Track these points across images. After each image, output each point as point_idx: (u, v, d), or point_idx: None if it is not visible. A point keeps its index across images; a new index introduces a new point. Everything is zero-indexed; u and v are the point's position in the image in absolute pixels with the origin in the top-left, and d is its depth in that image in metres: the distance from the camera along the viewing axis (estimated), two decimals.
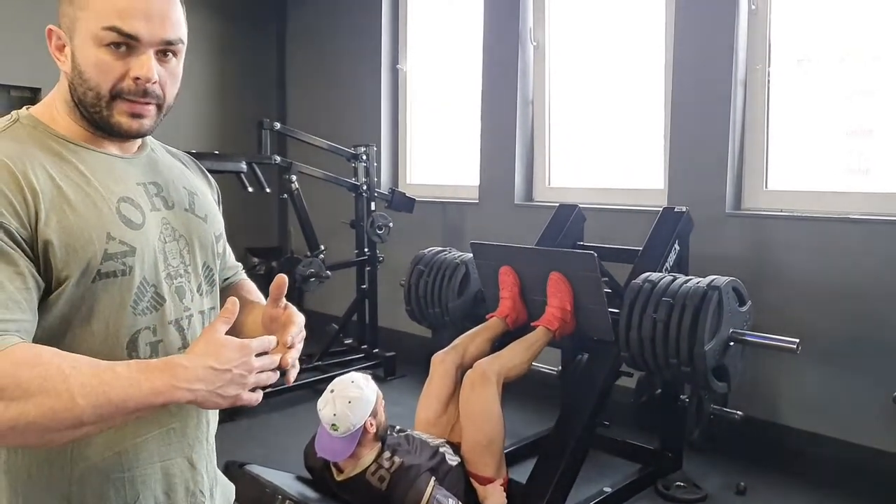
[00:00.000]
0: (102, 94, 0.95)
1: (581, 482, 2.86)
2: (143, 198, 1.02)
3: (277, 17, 5.99)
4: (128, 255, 0.95)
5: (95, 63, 0.94)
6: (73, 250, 0.90)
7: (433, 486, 2.09)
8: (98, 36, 0.93)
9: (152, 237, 1.00)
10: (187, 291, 1.05)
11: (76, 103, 0.97)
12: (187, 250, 1.06)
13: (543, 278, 2.75)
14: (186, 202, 1.09)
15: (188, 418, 1.05)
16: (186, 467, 1.05)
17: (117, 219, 0.96)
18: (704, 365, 2.33)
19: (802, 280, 3.24)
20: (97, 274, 0.92)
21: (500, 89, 4.43)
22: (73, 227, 0.91)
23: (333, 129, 5.33)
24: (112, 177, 0.99)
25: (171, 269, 1.02)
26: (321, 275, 3.99)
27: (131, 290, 0.96)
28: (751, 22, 3.51)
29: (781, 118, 3.49)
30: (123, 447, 0.98)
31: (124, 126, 0.98)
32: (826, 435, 3.17)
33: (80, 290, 0.91)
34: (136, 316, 0.97)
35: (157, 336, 1.00)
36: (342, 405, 2.06)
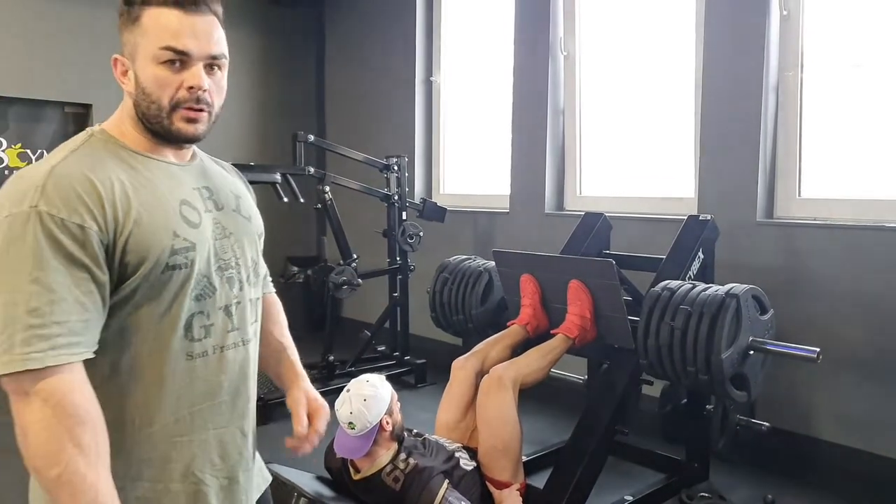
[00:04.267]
0: (163, 105, 1.09)
1: (604, 490, 2.86)
2: (198, 200, 1.17)
3: (317, 35, 6.17)
4: (189, 251, 1.10)
5: (155, 78, 1.09)
6: (146, 248, 1.05)
7: (446, 489, 2.13)
8: (156, 55, 1.08)
9: (207, 234, 1.15)
10: (237, 282, 1.19)
11: (140, 117, 1.12)
12: (237, 246, 1.20)
13: (564, 286, 2.77)
14: (233, 204, 1.24)
15: (237, 394, 1.19)
16: (239, 435, 1.20)
17: (180, 219, 1.11)
18: (722, 373, 2.31)
19: (836, 290, 3.17)
20: (165, 266, 1.07)
21: (530, 99, 4.47)
22: (146, 229, 1.05)
23: (370, 141, 5.45)
24: (173, 182, 1.14)
25: (223, 262, 1.17)
26: (353, 283, 4.07)
27: (191, 280, 1.10)
28: (783, 27, 3.47)
29: (815, 125, 3.43)
30: (181, 415, 1.11)
31: (183, 131, 1.12)
32: (858, 448, 3.08)
33: (150, 281, 1.06)
34: (193, 302, 1.11)
35: (210, 320, 1.14)
36: (358, 403, 2.12)
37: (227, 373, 1.16)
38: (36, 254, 0.97)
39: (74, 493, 0.96)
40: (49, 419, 0.96)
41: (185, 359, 1.11)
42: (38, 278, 0.96)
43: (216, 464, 1.15)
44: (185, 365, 1.11)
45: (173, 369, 1.10)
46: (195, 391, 1.12)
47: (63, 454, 0.95)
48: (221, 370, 1.16)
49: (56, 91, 4.97)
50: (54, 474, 0.95)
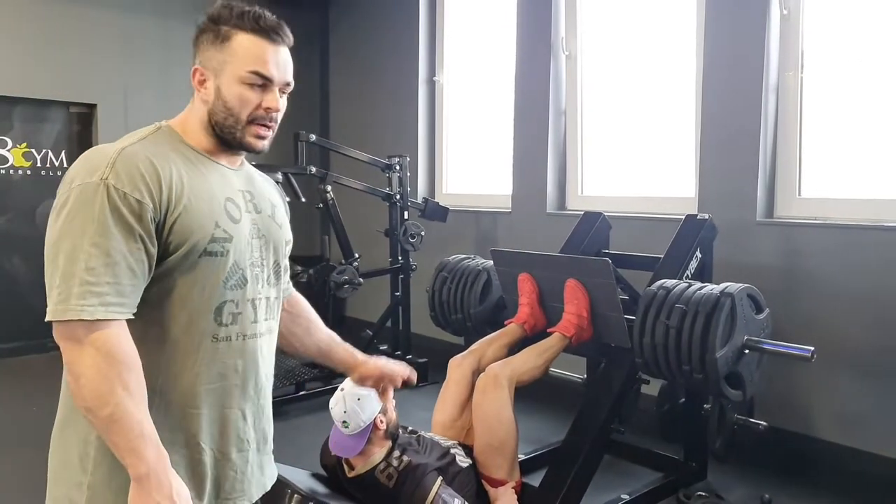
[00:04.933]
0: (242, 119, 1.25)
1: (602, 489, 2.87)
2: (241, 201, 1.30)
3: (321, 36, 6.20)
4: (227, 242, 1.22)
5: (239, 96, 1.24)
6: (190, 231, 1.17)
7: (439, 486, 2.14)
8: (243, 77, 1.23)
9: (245, 232, 1.27)
10: (261, 280, 1.30)
11: (213, 125, 1.26)
12: (266, 248, 1.32)
13: (561, 285, 2.78)
14: (269, 211, 1.36)
15: (248, 379, 1.29)
16: (240, 417, 1.29)
17: (224, 213, 1.24)
18: (716, 372, 2.32)
19: (835, 289, 3.17)
20: (203, 251, 1.19)
21: (532, 99, 4.48)
22: (193, 214, 1.18)
23: (374, 140, 5.47)
24: (222, 182, 1.27)
25: (254, 259, 1.29)
26: (354, 282, 4.09)
27: (225, 269, 1.22)
28: (783, 27, 3.46)
29: (815, 124, 3.43)
30: (197, 390, 1.22)
31: (252, 144, 1.28)
32: (857, 448, 3.08)
33: (189, 261, 1.18)
34: (226, 290, 1.23)
35: (238, 309, 1.25)
36: (352, 402, 2.14)
37: (244, 359, 1.27)
38: (100, 220, 1.10)
39: (124, 429, 1.08)
40: (101, 364, 1.08)
41: (210, 340, 1.22)
42: (98, 242, 1.09)
43: (215, 438, 1.25)
44: (209, 345, 1.22)
45: (199, 347, 1.21)
46: (213, 371, 1.23)
47: (114, 395, 1.08)
48: (240, 356, 1.27)
49: (60, 91, 5.02)
50: (107, 413, 1.07)
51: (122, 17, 5.17)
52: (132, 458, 1.09)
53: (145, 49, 5.24)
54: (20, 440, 3.46)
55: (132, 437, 1.09)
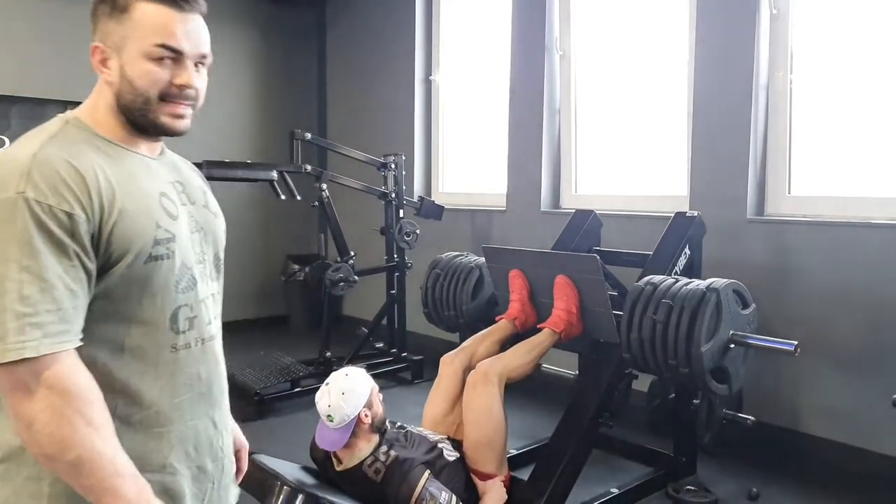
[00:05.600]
0: (151, 98, 1.10)
1: (591, 483, 2.90)
2: (174, 193, 1.17)
3: (318, 35, 6.23)
4: (171, 241, 1.10)
5: (146, 73, 1.09)
6: (131, 237, 1.05)
7: (426, 479, 2.18)
8: (149, 51, 1.09)
9: (184, 227, 1.16)
10: (206, 276, 1.21)
11: (122, 108, 1.12)
12: (205, 241, 1.22)
13: (551, 281, 2.82)
14: (203, 200, 1.25)
15: (211, 385, 1.20)
16: (211, 426, 1.20)
17: (161, 210, 1.11)
18: (702, 366, 2.35)
19: (824, 286, 3.20)
20: (148, 256, 1.07)
21: (527, 98, 4.51)
22: (130, 217, 1.05)
23: (370, 139, 5.51)
24: (150, 175, 1.15)
25: (196, 255, 1.18)
26: (349, 279, 4.13)
27: (174, 271, 1.11)
28: (773, 26, 3.49)
29: (805, 123, 3.46)
30: (162, 406, 1.11)
31: (168, 125, 1.13)
32: (845, 443, 3.11)
33: (134, 270, 1.05)
34: (178, 294, 1.12)
35: (193, 313, 1.15)
36: (336, 397, 2.18)
37: (205, 364, 1.18)
38: (25, 240, 0.95)
39: (95, 470, 0.97)
40: (57, 405, 0.95)
41: (169, 350, 1.11)
42: (29, 266, 0.95)
43: (190, 454, 1.16)
44: (169, 357, 1.11)
45: (157, 361, 1.10)
46: (177, 383, 1.13)
47: (77, 435, 0.96)
48: (201, 361, 1.17)
49: (57, 90, 5.04)
50: (73, 457, 0.96)
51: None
52: (110, 498, 0.98)
53: None
54: None
55: (106, 477, 0.98)
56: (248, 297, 5.78)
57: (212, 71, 1.21)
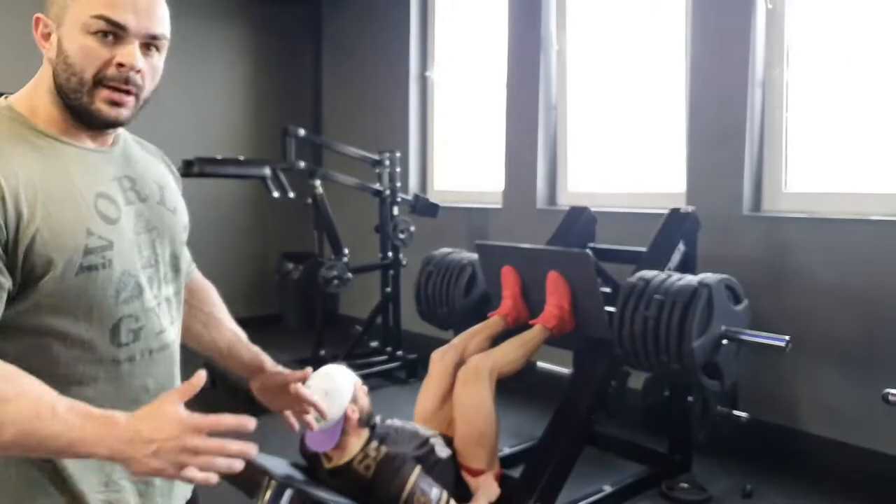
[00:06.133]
0: (86, 79, 0.97)
1: (585, 481, 2.87)
2: (118, 193, 1.06)
3: (313, 31, 6.21)
4: (106, 249, 0.99)
5: (81, 48, 0.97)
6: (56, 246, 0.94)
7: (417, 475, 2.15)
8: (87, 23, 0.96)
9: (127, 230, 1.04)
10: (156, 280, 1.10)
11: (58, 90, 0.99)
12: (158, 241, 1.11)
13: (543, 277, 2.79)
14: (158, 196, 1.13)
15: None
16: None
17: (95, 215, 1.00)
18: (693, 361, 2.33)
19: (821, 282, 3.17)
20: (79, 267, 0.96)
21: (523, 94, 4.49)
22: (56, 225, 0.94)
23: (366, 136, 5.48)
24: (89, 172, 1.02)
25: (144, 259, 1.07)
26: (343, 277, 4.11)
27: (112, 282, 1.00)
28: (768, 21, 3.47)
29: (801, 118, 3.43)
30: None
31: (103, 113, 1.00)
32: (841, 440, 3.08)
33: (64, 283, 0.95)
34: (120, 305, 1.02)
35: (139, 323, 1.05)
36: (319, 398, 2.13)
37: (153, 376, 1.09)
38: None
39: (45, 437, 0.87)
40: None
41: (111, 364, 1.03)
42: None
43: (130, 475, 1.04)
44: (111, 371, 1.03)
45: (97, 377, 1.01)
46: (120, 398, 1.02)
47: None
48: (149, 373, 1.08)
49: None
50: (9, 437, 0.86)
51: None
52: (85, 449, 0.89)
53: None
54: None
55: (62, 435, 0.87)
56: (242, 295, 5.74)
57: (169, 57, 1.07)
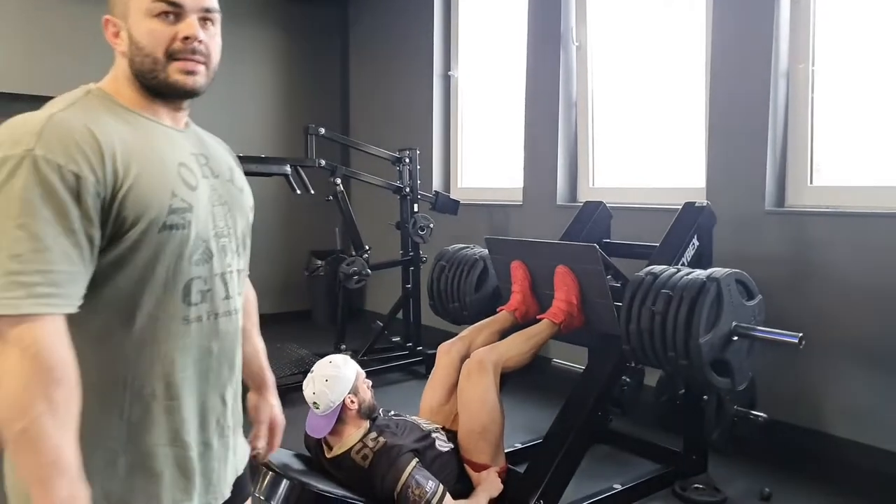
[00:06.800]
0: (158, 57, 1.09)
1: (597, 479, 2.85)
2: (195, 165, 1.15)
3: (340, 32, 6.28)
4: (186, 212, 1.08)
5: (149, 32, 1.08)
6: (145, 204, 1.03)
7: (413, 467, 2.15)
8: (148, 8, 1.08)
9: (204, 199, 1.13)
10: (229, 251, 1.18)
11: (135, 74, 1.11)
12: (230, 215, 1.19)
13: (552, 272, 2.76)
14: (228, 175, 1.23)
15: (224, 361, 1.19)
16: (219, 403, 1.19)
17: (179, 180, 1.09)
18: (700, 358, 2.26)
19: (847, 279, 3.07)
20: (162, 225, 1.05)
21: (543, 91, 4.45)
22: (145, 184, 1.03)
23: (390, 135, 5.51)
24: (171, 144, 1.13)
25: (218, 229, 1.16)
26: (363, 273, 4.13)
27: (188, 243, 1.08)
28: (793, 12, 3.37)
29: (828, 111, 3.33)
30: (173, 380, 1.09)
31: (180, 83, 1.11)
32: (866, 443, 2.98)
33: (147, 238, 1.03)
34: (192, 266, 1.10)
35: (207, 286, 1.13)
36: (320, 384, 2.17)
37: (218, 339, 1.16)
38: (26, 198, 0.93)
39: (36, 452, 0.92)
40: (25, 370, 0.92)
41: (181, 322, 1.10)
42: (25, 224, 0.93)
43: (197, 429, 1.14)
44: (180, 329, 1.10)
45: (169, 332, 1.08)
46: (188, 356, 1.11)
47: (32, 409, 0.91)
48: (214, 336, 1.15)
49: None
50: (19, 427, 0.91)
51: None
52: (38, 489, 0.92)
53: None
54: None
55: (43, 464, 0.92)
56: (272, 291, 5.82)
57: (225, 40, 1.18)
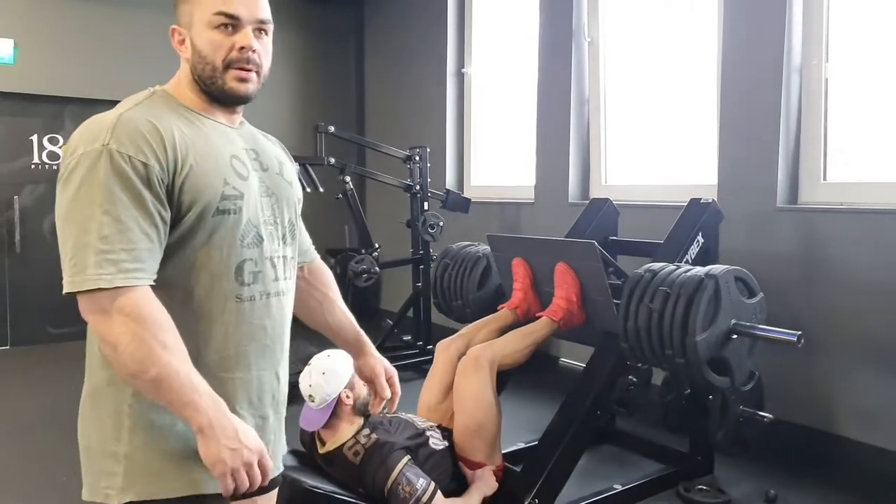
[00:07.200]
0: (217, 65, 1.22)
1: (600, 479, 2.82)
2: (246, 159, 1.28)
3: (356, 31, 6.31)
4: (238, 199, 1.21)
5: (209, 41, 1.22)
6: (200, 190, 1.16)
7: (404, 464, 2.14)
8: (210, 21, 1.21)
9: (254, 189, 1.26)
10: (276, 238, 1.30)
11: (196, 79, 1.25)
12: (277, 206, 1.31)
13: (552, 269, 2.73)
14: (277, 168, 1.35)
15: (276, 340, 1.30)
16: (274, 379, 1.31)
17: (231, 170, 1.22)
18: (697, 356, 2.23)
19: (860, 278, 2.99)
20: (216, 210, 1.18)
21: (555, 87, 4.42)
22: (201, 172, 1.17)
23: (405, 132, 5.52)
24: (224, 139, 1.26)
25: (266, 216, 1.28)
26: (371, 271, 4.14)
27: (240, 227, 1.22)
28: (805, 6, 3.29)
29: (843, 106, 3.25)
30: (227, 353, 1.22)
31: (234, 89, 1.24)
32: (877, 445, 2.90)
33: (203, 222, 1.17)
34: (243, 248, 1.23)
35: (258, 268, 1.25)
36: (317, 377, 2.18)
37: (270, 318, 1.27)
38: (106, 186, 1.09)
39: (174, 387, 1.07)
40: (134, 328, 1.07)
41: (234, 300, 1.21)
42: (109, 209, 1.08)
43: (253, 402, 1.26)
44: (234, 306, 1.21)
45: (223, 309, 1.20)
46: (241, 332, 1.23)
47: (154, 356, 1.06)
48: (266, 315, 1.26)
49: (106, 90, 5.27)
50: (153, 374, 1.06)
51: (163, 19, 5.37)
52: (189, 411, 1.09)
53: None
54: (53, 419, 3.69)
55: (184, 393, 1.08)
56: None
57: None
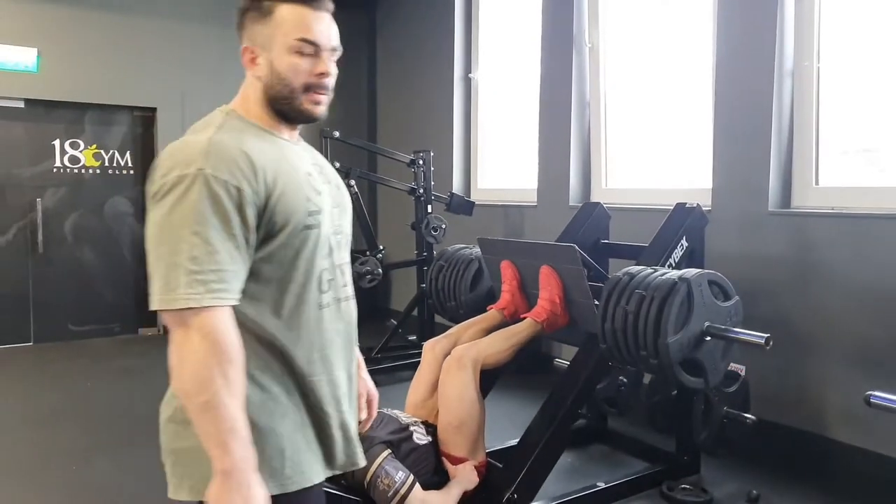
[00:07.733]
0: (296, 87, 1.28)
1: (586, 477, 2.89)
2: (315, 174, 1.34)
3: (368, 38, 6.43)
4: (318, 214, 1.27)
5: (291, 65, 1.27)
6: (291, 209, 1.23)
7: (383, 458, 2.22)
8: (292, 45, 1.26)
9: (327, 202, 1.32)
10: (342, 246, 1.38)
11: (269, 99, 1.29)
12: (341, 216, 1.38)
13: (538, 272, 2.81)
14: (335, 180, 1.42)
15: (347, 341, 1.37)
16: (346, 377, 1.37)
17: (310, 187, 1.28)
18: (669, 357, 2.29)
19: (849, 282, 3.02)
20: (303, 226, 1.24)
21: (556, 92, 4.48)
22: (291, 194, 1.23)
23: (414, 137, 5.63)
24: (297, 157, 1.32)
25: (334, 227, 1.35)
26: (375, 272, 4.25)
27: (319, 240, 1.28)
28: (797, 10, 3.33)
29: (833, 111, 3.27)
30: (313, 357, 1.28)
31: (309, 111, 1.31)
32: (862, 447, 2.92)
33: (292, 238, 1.23)
34: (321, 259, 1.29)
35: (331, 276, 1.32)
36: None
37: (343, 321, 1.35)
38: (199, 209, 1.12)
39: (217, 419, 1.10)
40: (206, 351, 1.10)
41: (317, 308, 1.29)
42: (199, 231, 1.12)
43: (334, 403, 1.32)
44: (316, 314, 1.29)
45: (308, 317, 1.27)
46: (322, 337, 1.30)
47: (213, 383, 1.10)
48: (340, 319, 1.34)
49: (125, 96, 5.47)
50: (203, 400, 1.10)
51: (180, 27, 5.59)
52: (219, 450, 1.10)
53: (201, 56, 5.63)
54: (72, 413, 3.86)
55: (223, 430, 1.10)
56: None
57: None
